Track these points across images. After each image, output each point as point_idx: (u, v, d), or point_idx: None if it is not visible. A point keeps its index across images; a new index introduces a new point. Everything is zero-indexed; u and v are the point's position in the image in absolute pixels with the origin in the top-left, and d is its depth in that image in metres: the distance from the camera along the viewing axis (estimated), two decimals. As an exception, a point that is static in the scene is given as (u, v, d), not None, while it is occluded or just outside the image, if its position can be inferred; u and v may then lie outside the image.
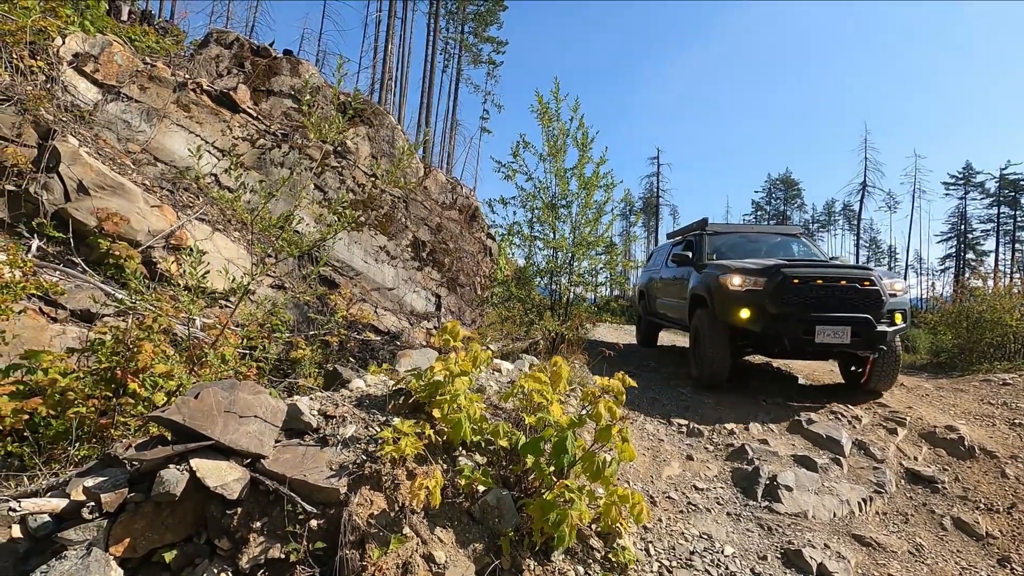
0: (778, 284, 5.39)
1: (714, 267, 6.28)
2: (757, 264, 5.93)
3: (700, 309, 6.30)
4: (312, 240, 3.97)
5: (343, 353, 6.79)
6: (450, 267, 8.96)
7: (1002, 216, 41.39)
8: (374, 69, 24.46)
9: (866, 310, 5.33)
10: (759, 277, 5.58)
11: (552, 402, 2.90)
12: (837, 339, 5.23)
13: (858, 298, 5.33)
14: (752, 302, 5.53)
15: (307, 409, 2.83)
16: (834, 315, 5.28)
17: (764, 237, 7.82)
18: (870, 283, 5.36)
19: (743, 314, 5.54)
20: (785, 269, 5.47)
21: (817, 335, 5.24)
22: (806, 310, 5.32)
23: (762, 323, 5.44)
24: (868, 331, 5.27)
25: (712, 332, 5.93)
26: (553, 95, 7.21)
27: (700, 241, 7.47)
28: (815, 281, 5.34)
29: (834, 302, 5.32)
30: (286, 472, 2.47)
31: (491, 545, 2.61)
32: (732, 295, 5.67)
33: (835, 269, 5.55)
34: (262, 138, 7.69)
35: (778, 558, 3.34)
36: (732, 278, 5.72)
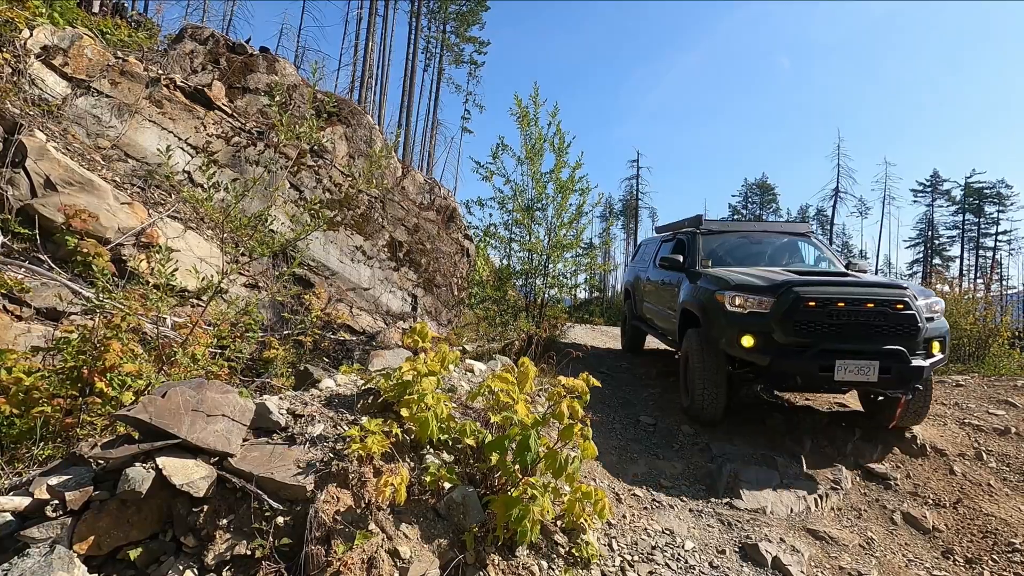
0: (789, 306, 4.39)
1: (709, 280, 5.30)
2: (762, 277, 4.92)
3: (691, 328, 5.38)
4: (285, 239, 3.98)
5: (317, 353, 6.78)
6: (427, 268, 9.00)
7: (967, 223, 42.83)
8: (354, 67, 24.36)
9: (899, 340, 4.37)
10: (765, 296, 4.58)
11: (518, 401, 2.98)
12: (862, 376, 4.30)
13: (889, 325, 4.37)
14: (756, 328, 4.54)
15: (276, 408, 2.86)
16: (859, 347, 4.34)
17: (768, 238, 6.73)
18: (904, 306, 4.37)
19: (744, 342, 4.56)
20: (798, 288, 4.46)
21: (837, 371, 4.27)
22: (824, 340, 4.37)
23: (768, 355, 4.47)
24: (901, 367, 4.30)
25: (705, 360, 4.97)
26: (532, 99, 7.32)
27: (693, 242, 6.40)
28: (836, 304, 4.35)
29: (859, 330, 4.37)
30: (253, 470, 2.50)
31: (456, 541, 2.68)
32: (731, 318, 4.71)
33: (860, 288, 4.48)
34: (237, 136, 7.63)
35: (736, 552, 3.48)
36: (731, 296, 4.76)
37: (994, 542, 3.78)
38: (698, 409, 5.11)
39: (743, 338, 4.58)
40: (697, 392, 5.07)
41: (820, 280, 4.71)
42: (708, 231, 6.60)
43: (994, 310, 9.30)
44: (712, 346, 4.92)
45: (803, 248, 6.68)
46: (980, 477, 4.57)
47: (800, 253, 6.61)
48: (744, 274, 5.18)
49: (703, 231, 6.59)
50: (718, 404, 5.00)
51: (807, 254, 6.64)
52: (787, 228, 6.96)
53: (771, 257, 6.48)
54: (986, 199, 42.01)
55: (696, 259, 6.14)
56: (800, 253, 6.61)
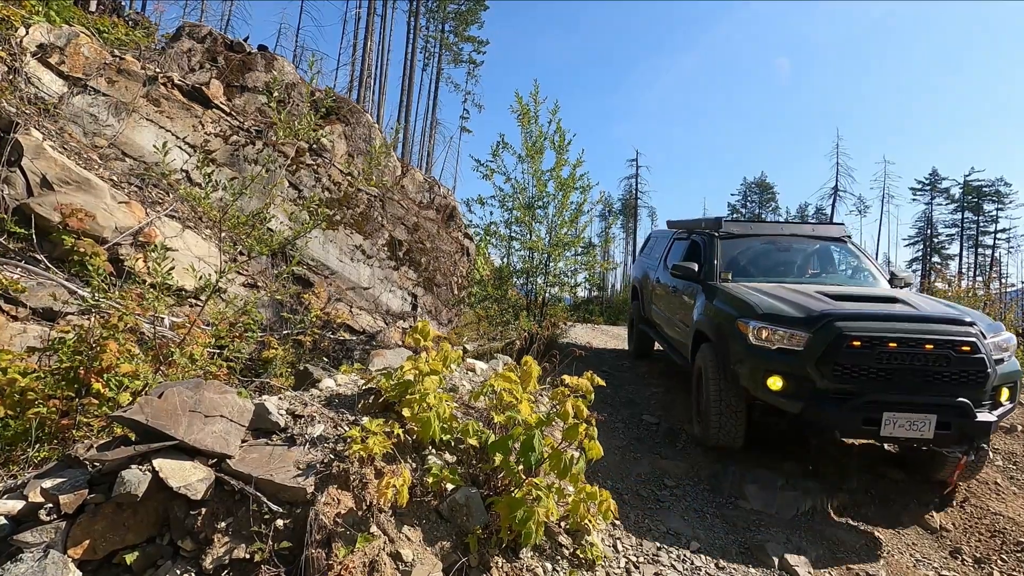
0: (829, 345, 3.65)
1: (730, 302, 4.54)
2: (794, 303, 4.13)
3: (706, 345, 4.68)
4: (283, 238, 3.93)
5: (317, 353, 6.73)
6: (427, 267, 8.95)
7: (966, 221, 42.85)
8: (353, 67, 24.31)
9: (962, 389, 3.60)
10: (799, 330, 3.81)
11: (521, 401, 2.93)
12: (914, 432, 3.57)
13: (952, 371, 3.59)
14: (786, 368, 3.81)
15: (275, 409, 2.81)
16: (912, 398, 3.60)
17: (797, 243, 5.83)
18: (971, 348, 3.59)
19: (771, 384, 3.84)
20: (840, 322, 3.71)
21: (884, 426, 3.56)
22: (870, 388, 3.63)
23: (800, 401, 3.74)
24: (964, 422, 3.57)
25: (723, 388, 4.31)
26: (532, 97, 7.28)
27: (710, 248, 5.54)
28: (886, 344, 3.59)
29: (914, 376, 3.61)
30: (252, 472, 2.45)
31: (459, 543, 2.63)
32: (755, 353, 3.96)
33: (917, 324, 3.74)
34: (235, 134, 7.58)
35: (742, 553, 3.43)
36: (757, 328, 3.99)
37: (1003, 541, 3.74)
38: (712, 436, 4.45)
39: (770, 379, 3.84)
40: (713, 422, 4.38)
41: (867, 312, 3.90)
42: (728, 234, 5.72)
43: (996, 307, 9.26)
44: (731, 379, 4.22)
45: (837, 255, 5.85)
46: (987, 475, 4.53)
47: (834, 262, 5.81)
48: (772, 296, 4.37)
49: (722, 235, 5.70)
50: (736, 435, 4.35)
51: (843, 263, 5.83)
52: (819, 231, 6.01)
53: (800, 267, 5.67)
54: (985, 197, 42.03)
55: (714, 270, 5.29)
56: (834, 262, 5.81)
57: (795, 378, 3.80)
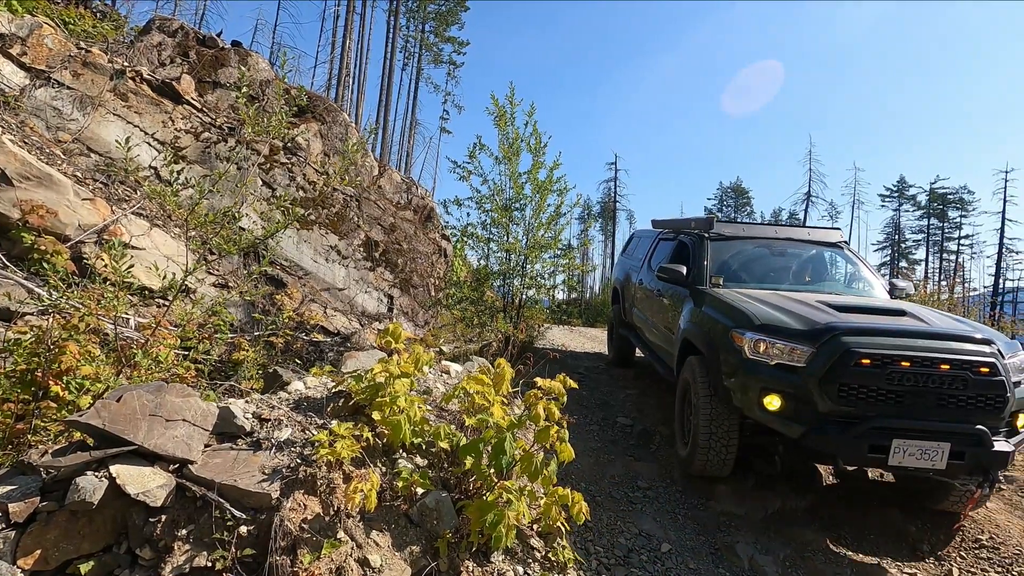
0: (836, 363, 3.29)
1: (722, 310, 4.18)
2: (794, 313, 3.78)
3: (695, 358, 4.32)
4: (253, 237, 3.85)
5: (290, 355, 6.62)
6: (403, 268, 8.88)
7: (932, 227, 44.18)
8: (331, 65, 24.01)
9: (979, 415, 3.27)
10: (800, 344, 3.45)
11: (494, 403, 2.91)
12: (925, 462, 3.23)
13: (968, 394, 3.25)
14: (786, 387, 3.45)
15: (241, 412, 2.75)
16: (925, 424, 3.25)
17: (792, 248, 5.49)
18: (990, 370, 3.26)
19: (768, 404, 3.47)
20: (847, 337, 3.36)
21: (893, 455, 3.21)
22: (879, 412, 3.27)
23: (801, 425, 3.38)
24: (979, 452, 3.24)
25: (715, 413, 3.90)
26: (508, 99, 7.28)
27: (699, 250, 5.19)
28: (898, 363, 3.24)
29: (927, 400, 3.26)
30: (215, 477, 2.39)
31: (429, 547, 2.60)
32: (751, 369, 3.59)
33: (930, 341, 3.37)
34: (207, 131, 7.41)
35: (712, 553, 3.47)
36: (754, 340, 3.61)
37: (961, 539, 3.84)
38: (701, 464, 4.02)
39: (766, 398, 3.48)
40: (702, 448, 3.95)
41: (876, 327, 3.50)
42: (719, 236, 5.36)
43: (959, 311, 9.58)
44: (722, 398, 3.86)
45: (837, 262, 5.56)
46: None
47: (830, 270, 5.49)
48: (770, 305, 4.00)
49: (713, 237, 5.33)
50: (727, 460, 3.96)
51: (839, 271, 5.56)
52: (816, 236, 5.66)
53: (796, 274, 5.33)
54: (950, 204, 43.40)
55: (704, 274, 4.96)
56: (830, 270, 5.49)
57: (795, 398, 3.42)
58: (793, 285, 5.08)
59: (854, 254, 5.54)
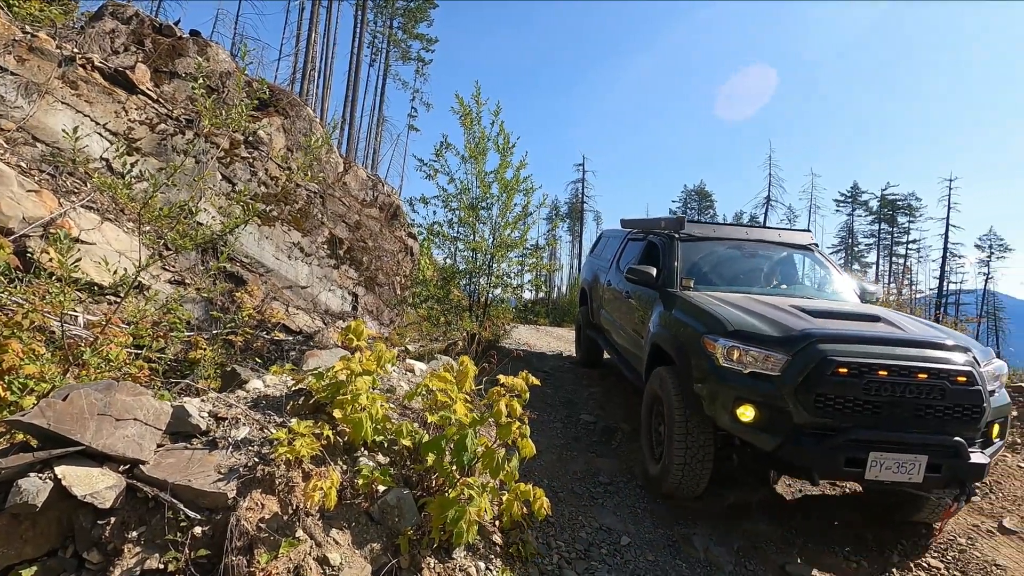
0: (812, 372, 3.16)
1: (693, 314, 4.01)
2: (768, 318, 3.64)
3: (665, 369, 4.10)
4: (210, 232, 3.75)
5: (249, 354, 6.47)
6: (368, 266, 8.78)
7: (882, 232, 46.18)
8: (296, 59, 23.48)
9: (956, 426, 3.19)
10: (775, 352, 3.31)
11: (456, 401, 2.93)
12: (902, 475, 3.12)
13: (945, 404, 3.16)
14: (760, 396, 3.29)
15: (196, 411, 2.68)
16: (903, 436, 3.14)
17: (764, 250, 5.39)
18: (968, 379, 3.17)
19: (741, 414, 3.31)
20: (824, 344, 3.24)
21: (870, 468, 3.10)
22: (855, 423, 3.16)
23: (776, 437, 3.22)
24: (956, 464, 3.14)
25: (690, 428, 3.68)
26: (474, 98, 7.28)
27: (669, 251, 5.04)
28: (876, 372, 3.14)
29: (904, 410, 3.15)
30: (168, 478, 2.33)
31: (390, 545, 2.60)
32: (724, 377, 3.43)
33: (908, 349, 3.30)
34: (163, 123, 7.17)
35: (670, 545, 3.56)
36: (727, 347, 3.45)
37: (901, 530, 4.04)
38: (674, 484, 3.77)
39: (739, 408, 3.31)
40: (676, 467, 3.70)
41: (852, 334, 3.40)
42: (690, 236, 5.21)
43: (906, 311, 10.04)
44: (696, 409, 3.65)
45: (804, 265, 5.46)
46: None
47: (801, 272, 5.41)
48: (743, 310, 3.84)
49: (683, 238, 5.17)
50: (702, 479, 3.72)
51: (810, 273, 5.45)
52: (787, 238, 5.56)
53: (767, 276, 5.24)
54: (899, 210, 45.44)
55: (674, 276, 4.79)
56: (801, 272, 5.41)
57: (770, 408, 3.26)
58: (765, 288, 5.01)
59: (824, 257, 5.46)
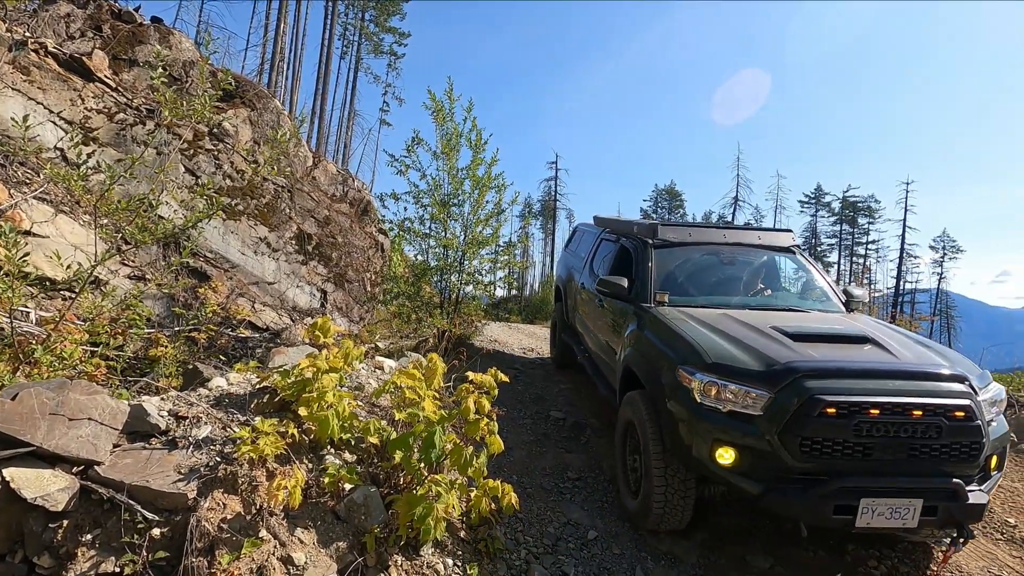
0: (797, 412, 2.83)
1: (667, 337, 3.67)
2: (748, 346, 3.29)
3: (638, 394, 3.78)
4: (172, 226, 3.64)
5: (213, 351, 6.31)
6: (338, 262, 8.65)
7: (844, 232, 47.73)
8: (264, 49, 22.93)
9: (952, 465, 2.90)
10: (756, 388, 2.97)
11: (425, 398, 2.92)
12: (895, 521, 2.82)
13: (942, 443, 2.85)
14: (741, 438, 2.96)
15: (155, 410, 2.61)
16: (896, 480, 2.85)
17: (744, 255, 5.00)
18: (966, 414, 2.87)
19: (721, 456, 2.98)
20: (811, 381, 2.90)
21: (861, 515, 2.79)
22: (845, 468, 2.85)
23: (760, 483, 2.90)
24: (954, 506, 2.85)
25: (668, 460, 3.33)
26: (447, 95, 7.24)
27: (643, 260, 4.65)
28: (867, 411, 2.81)
29: (898, 451, 2.85)
30: (125, 478, 2.27)
31: (356, 543, 2.58)
32: (701, 415, 3.07)
33: (900, 382, 2.98)
34: (122, 112, 6.92)
35: (635, 539, 3.62)
36: (705, 382, 3.09)
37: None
38: (656, 521, 3.44)
39: (718, 451, 2.98)
40: (657, 502, 3.36)
41: (840, 365, 3.05)
42: (664, 242, 4.78)
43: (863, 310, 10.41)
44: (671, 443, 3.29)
45: (786, 268, 5.15)
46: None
47: (783, 279, 5.07)
48: (722, 335, 3.48)
49: (658, 244, 4.76)
50: (685, 512, 3.41)
51: (792, 279, 5.12)
52: (766, 240, 5.16)
53: (747, 284, 4.84)
54: (859, 212, 47.03)
55: (648, 289, 4.39)
56: (783, 279, 5.07)
57: (752, 452, 2.93)
58: (745, 298, 4.65)
59: (806, 259, 5.12)
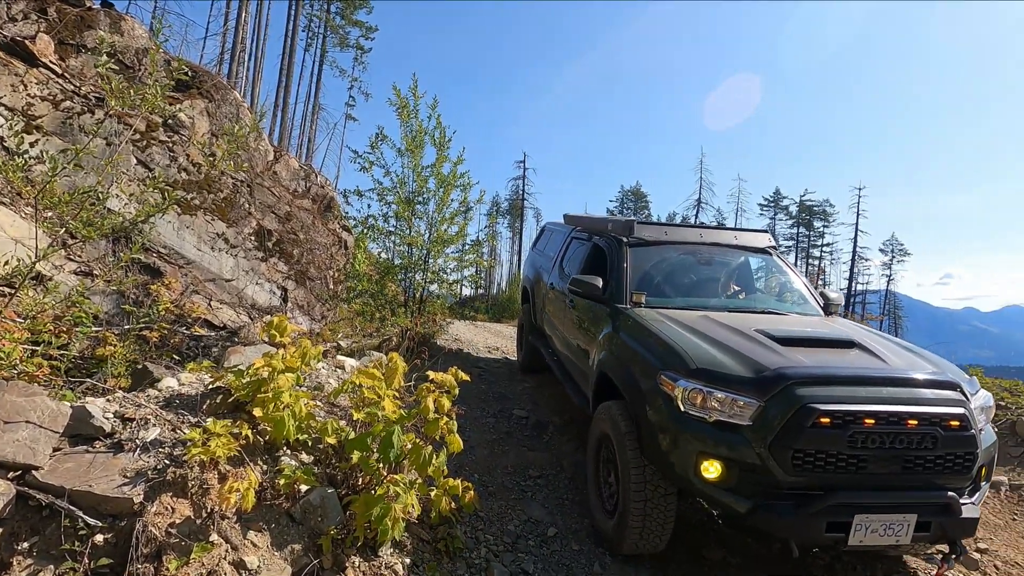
0: (791, 422, 2.63)
1: (646, 340, 3.43)
2: (736, 348, 3.10)
3: (614, 405, 3.50)
4: (122, 219, 3.49)
5: (166, 350, 6.10)
6: (299, 259, 8.47)
7: (800, 235, 49.44)
8: (224, 38, 22.18)
9: (947, 477, 2.76)
10: (745, 396, 2.76)
11: (385, 397, 2.90)
12: (889, 538, 2.65)
13: (937, 454, 2.70)
14: (728, 451, 2.73)
15: (100, 412, 2.51)
16: (890, 495, 2.70)
17: (721, 255, 4.83)
18: (961, 423, 2.73)
19: (706, 470, 2.75)
20: (803, 388, 2.70)
21: (854, 533, 2.61)
22: (839, 482, 2.67)
23: (748, 500, 2.68)
24: (947, 521, 2.71)
25: (647, 477, 3.07)
26: (412, 91, 7.19)
27: (618, 259, 4.43)
28: (862, 421, 2.63)
29: (892, 464, 2.69)
30: (66, 483, 2.18)
31: (312, 545, 2.54)
32: (685, 425, 2.85)
33: (893, 388, 2.84)
34: (69, 100, 6.60)
35: (593, 535, 3.68)
36: (689, 389, 2.85)
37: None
38: (633, 543, 3.16)
39: (703, 464, 2.75)
40: (634, 520, 3.10)
41: (832, 372, 2.88)
42: (640, 241, 4.57)
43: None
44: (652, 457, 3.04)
45: (764, 271, 4.99)
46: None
47: (761, 281, 4.94)
48: (705, 338, 3.26)
49: (633, 243, 4.54)
50: (665, 533, 3.15)
51: (771, 282, 4.97)
52: (743, 240, 4.93)
53: (725, 286, 4.71)
54: (815, 215, 48.81)
55: (623, 289, 4.16)
56: (761, 281, 4.94)
57: (739, 465, 2.71)
58: (723, 301, 4.48)
59: (783, 261, 4.94)
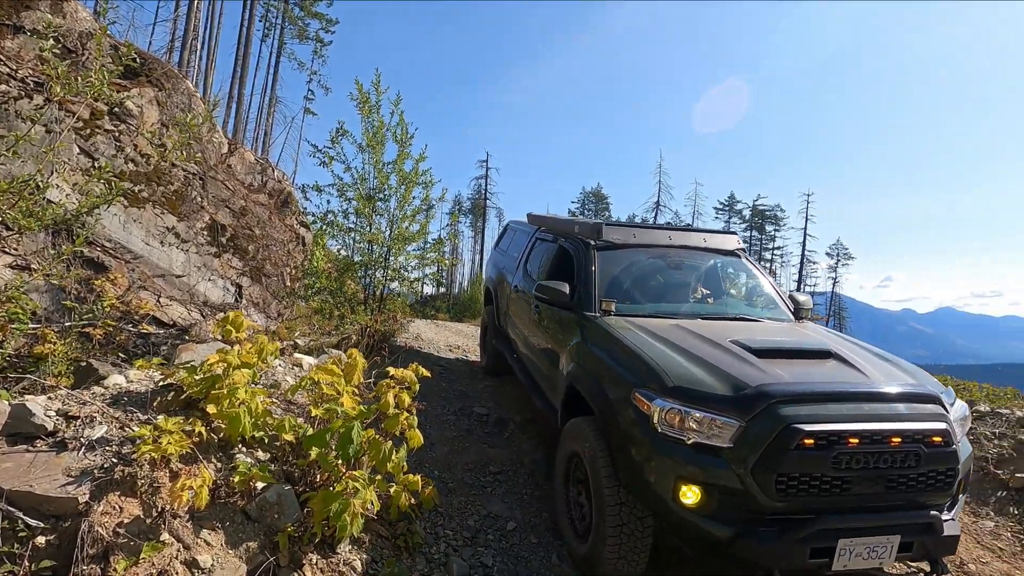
0: (773, 445, 2.50)
1: (618, 353, 3.25)
2: (714, 362, 2.94)
3: (585, 421, 3.31)
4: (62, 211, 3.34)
5: (111, 348, 5.85)
6: (255, 255, 8.25)
7: (753, 239, 51.28)
8: (175, 25, 21.31)
9: (929, 495, 2.70)
10: (727, 416, 2.61)
11: (344, 394, 2.88)
12: (873, 560, 2.57)
13: (920, 472, 2.63)
14: (707, 475, 2.59)
15: (41, 410, 2.41)
16: (874, 516, 2.62)
17: (690, 259, 4.68)
18: (943, 439, 2.67)
19: (684, 495, 2.61)
20: (786, 407, 2.58)
21: (838, 558, 2.52)
22: (823, 506, 2.58)
23: (727, 527, 2.55)
24: (929, 540, 2.67)
25: (619, 499, 2.91)
26: (374, 86, 7.12)
27: (586, 263, 4.23)
28: (846, 441, 2.53)
29: (876, 484, 2.59)
30: (4, 484, 2.09)
31: (268, 542, 2.51)
32: (661, 447, 2.68)
33: (875, 404, 2.74)
34: (4, 84, 6.24)
35: (552, 528, 3.75)
36: (666, 409, 2.68)
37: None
38: (610, 568, 2.96)
39: (682, 489, 2.61)
40: (610, 545, 2.91)
41: (815, 388, 2.76)
42: (608, 244, 4.39)
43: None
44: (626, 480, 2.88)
45: (734, 275, 4.89)
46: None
47: (731, 285, 4.83)
48: (679, 350, 3.10)
49: (601, 246, 4.36)
50: (642, 556, 2.97)
51: (741, 286, 4.89)
52: (712, 242, 4.80)
53: (695, 290, 4.57)
54: (767, 219, 50.72)
55: (592, 296, 3.96)
56: (731, 285, 4.83)
57: (720, 490, 2.57)
58: (695, 307, 4.33)
59: (752, 263, 4.87)
